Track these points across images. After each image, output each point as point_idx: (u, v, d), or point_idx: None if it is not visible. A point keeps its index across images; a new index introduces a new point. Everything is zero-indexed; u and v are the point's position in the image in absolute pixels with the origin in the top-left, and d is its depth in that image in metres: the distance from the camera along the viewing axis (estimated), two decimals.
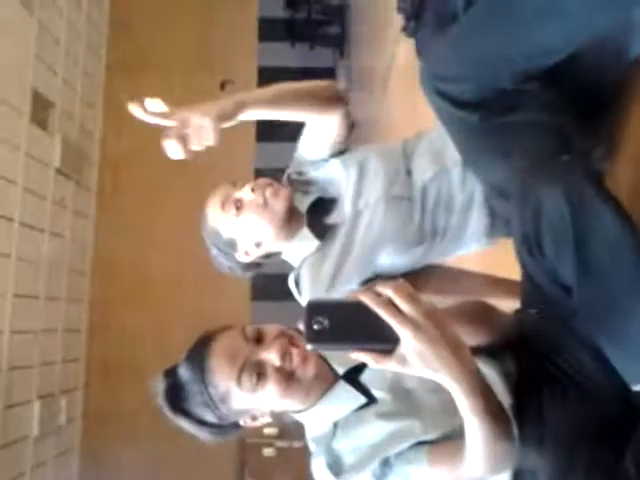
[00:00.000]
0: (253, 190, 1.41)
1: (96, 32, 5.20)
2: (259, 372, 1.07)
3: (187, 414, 1.14)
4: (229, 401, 1.10)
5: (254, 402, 1.10)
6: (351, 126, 1.46)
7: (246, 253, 1.48)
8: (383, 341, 0.81)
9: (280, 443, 4.99)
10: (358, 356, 0.82)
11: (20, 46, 4.00)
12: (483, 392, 0.86)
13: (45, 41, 4.30)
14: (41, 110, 4.27)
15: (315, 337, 0.81)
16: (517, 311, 1.15)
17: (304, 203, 1.48)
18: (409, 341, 0.79)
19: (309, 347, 0.83)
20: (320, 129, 1.44)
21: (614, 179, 1.17)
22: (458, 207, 1.38)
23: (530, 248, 0.93)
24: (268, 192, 1.42)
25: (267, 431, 4.95)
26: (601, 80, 1.15)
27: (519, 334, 1.09)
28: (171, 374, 1.17)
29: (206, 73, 5.58)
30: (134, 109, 1.14)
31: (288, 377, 1.08)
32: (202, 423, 1.15)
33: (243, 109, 1.31)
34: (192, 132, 1.18)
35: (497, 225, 1.40)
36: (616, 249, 0.85)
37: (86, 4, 4.98)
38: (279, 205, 1.41)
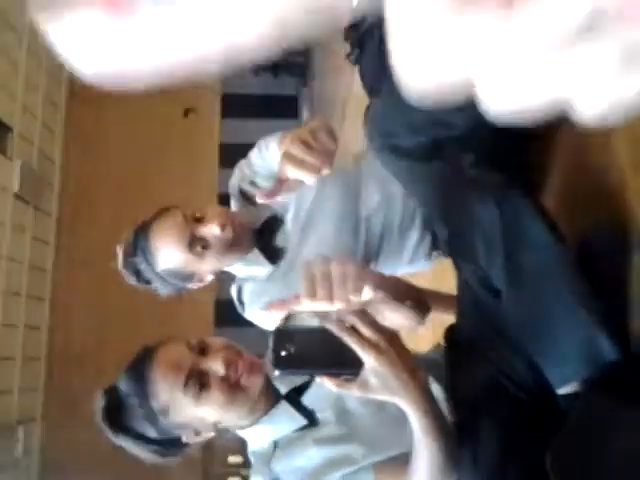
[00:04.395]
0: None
1: (57, 58, 5.17)
2: (202, 382, 1.06)
3: (127, 431, 1.11)
4: (170, 413, 1.07)
5: (197, 413, 1.08)
6: None
7: (200, 281, 1.46)
8: (347, 367, 0.86)
9: (245, 471, 4.91)
10: (323, 381, 0.85)
11: None
12: (435, 414, 0.91)
13: (3, 66, 4.26)
14: None
15: (282, 362, 0.85)
16: (450, 326, 1.18)
17: (255, 219, 1.46)
18: (371, 364, 0.84)
19: (276, 372, 0.86)
20: None
21: (546, 191, 1.22)
22: (397, 229, 1.42)
23: (465, 257, 0.98)
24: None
25: (232, 460, 4.88)
26: None
27: (455, 344, 1.12)
28: (110, 391, 1.15)
29: (169, 101, 5.57)
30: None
31: (233, 387, 1.07)
32: (143, 439, 1.11)
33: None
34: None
35: (437, 246, 1.44)
36: (543, 255, 0.89)
37: None
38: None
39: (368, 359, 0.84)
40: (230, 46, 0.30)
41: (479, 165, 1.08)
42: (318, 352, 0.86)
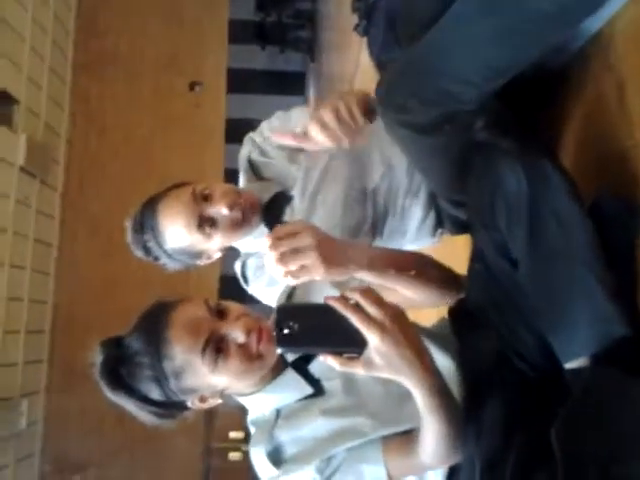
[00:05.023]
0: None
1: (63, 30, 5.13)
2: (220, 347, 1.01)
3: (129, 390, 1.05)
4: (183, 377, 1.02)
5: (209, 380, 1.03)
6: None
7: (209, 258, 1.45)
8: (351, 345, 0.84)
9: (246, 447, 4.94)
10: (326, 360, 0.84)
11: None
12: (441, 392, 0.90)
13: (9, 37, 4.23)
14: (5, 107, 4.19)
15: (285, 340, 0.84)
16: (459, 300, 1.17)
17: (264, 194, 1.45)
18: (376, 343, 0.83)
19: (279, 350, 0.86)
20: None
21: (558, 154, 1.21)
22: (400, 203, 1.43)
23: (484, 220, 0.96)
24: None
25: (233, 435, 4.92)
26: (540, 71, 1.16)
27: (461, 318, 1.11)
28: (111, 345, 1.09)
29: (175, 74, 5.54)
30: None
31: (251, 355, 1.03)
32: (145, 401, 1.05)
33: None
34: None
35: (442, 223, 1.44)
36: (566, 227, 0.88)
37: (53, 1, 4.91)
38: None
39: (373, 338, 0.83)
40: None
41: (489, 129, 1.07)
42: (321, 330, 0.84)
